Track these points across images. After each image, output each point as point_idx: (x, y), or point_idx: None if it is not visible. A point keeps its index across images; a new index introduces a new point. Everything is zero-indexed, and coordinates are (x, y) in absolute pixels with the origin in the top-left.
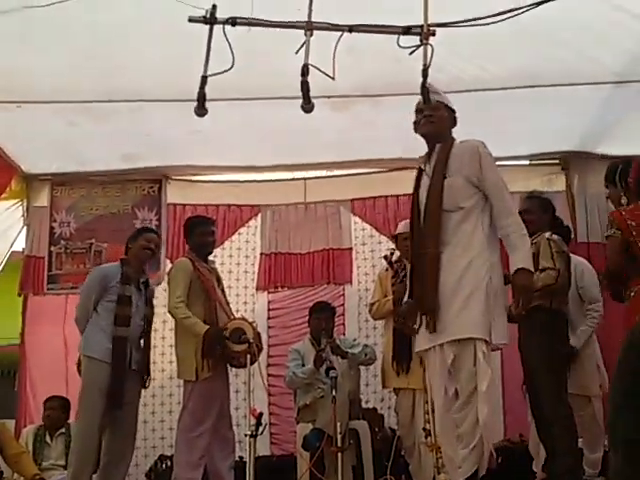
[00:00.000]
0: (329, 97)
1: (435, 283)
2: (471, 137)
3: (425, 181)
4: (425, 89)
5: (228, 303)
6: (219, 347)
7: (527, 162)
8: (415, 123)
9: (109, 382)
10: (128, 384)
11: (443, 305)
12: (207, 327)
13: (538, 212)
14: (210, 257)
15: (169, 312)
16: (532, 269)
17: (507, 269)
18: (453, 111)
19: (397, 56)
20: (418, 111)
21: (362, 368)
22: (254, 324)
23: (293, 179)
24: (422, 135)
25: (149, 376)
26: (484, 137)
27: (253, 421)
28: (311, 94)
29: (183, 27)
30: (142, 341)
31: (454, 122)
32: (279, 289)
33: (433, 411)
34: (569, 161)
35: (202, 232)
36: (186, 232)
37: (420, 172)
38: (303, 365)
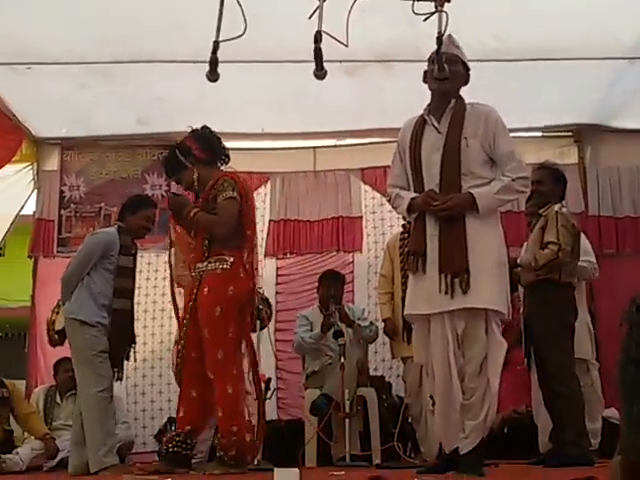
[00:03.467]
0: (341, 61)
1: (464, 244)
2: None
3: (433, 137)
4: (439, 56)
5: None
6: None
7: (540, 134)
8: (426, 72)
9: (110, 349)
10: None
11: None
12: None
13: (549, 183)
14: None
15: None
16: (480, 203)
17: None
18: (468, 69)
19: (412, 21)
20: (432, 61)
21: None
22: (261, 290)
23: (303, 147)
24: (433, 90)
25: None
26: (497, 107)
27: (262, 386)
28: (324, 58)
29: None
30: None
31: (467, 80)
32: (288, 256)
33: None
34: (582, 134)
35: None
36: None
37: (424, 122)
38: (311, 331)
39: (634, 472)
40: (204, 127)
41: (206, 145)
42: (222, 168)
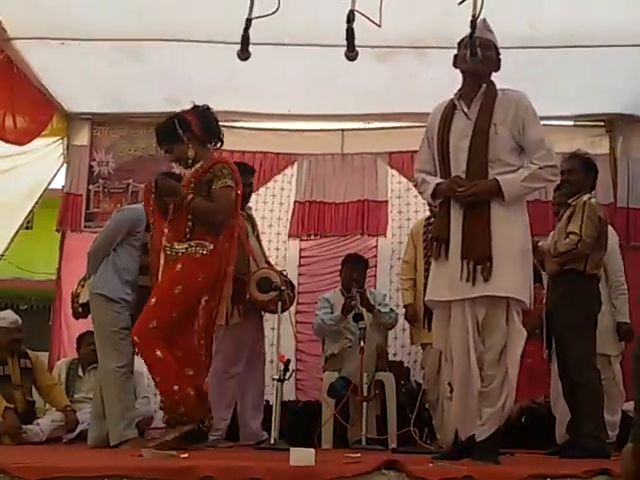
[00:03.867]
0: (373, 47)
1: (487, 231)
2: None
3: (462, 123)
4: (473, 40)
5: (263, 250)
6: (248, 294)
7: (571, 123)
8: (456, 56)
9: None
10: None
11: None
12: None
13: (580, 172)
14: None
15: None
16: (505, 190)
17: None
18: (499, 54)
19: (446, 9)
20: (464, 45)
21: None
22: (284, 272)
23: (331, 130)
24: (465, 71)
25: None
26: (529, 94)
27: (281, 366)
28: (355, 43)
29: None
30: None
31: (498, 65)
32: (312, 237)
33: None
34: (614, 123)
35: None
36: None
37: (453, 107)
38: (332, 314)
39: None
40: (206, 106)
41: (206, 124)
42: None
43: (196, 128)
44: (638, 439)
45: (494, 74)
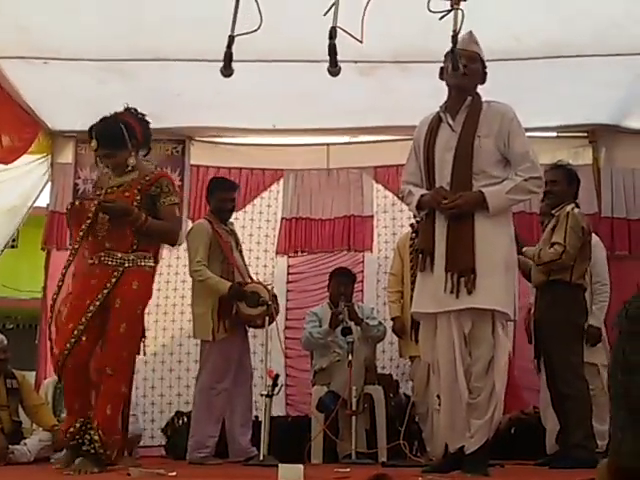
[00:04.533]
0: (356, 62)
1: (471, 243)
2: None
3: (447, 135)
4: (454, 55)
5: (246, 265)
6: (235, 308)
7: (555, 134)
8: (442, 69)
9: None
10: None
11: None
12: (230, 284)
13: (563, 183)
14: (230, 219)
15: (191, 276)
16: (490, 202)
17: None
18: (485, 67)
19: (427, 22)
20: (449, 58)
21: None
22: (269, 286)
23: (316, 144)
24: (451, 86)
25: None
26: (513, 106)
27: (269, 382)
28: (338, 58)
29: None
30: None
31: (484, 78)
32: (299, 254)
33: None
34: (597, 134)
35: (221, 198)
36: (208, 192)
37: (439, 120)
38: (320, 327)
39: (620, 476)
40: (140, 111)
41: (146, 131)
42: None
43: (139, 135)
44: (613, 453)
45: (479, 86)
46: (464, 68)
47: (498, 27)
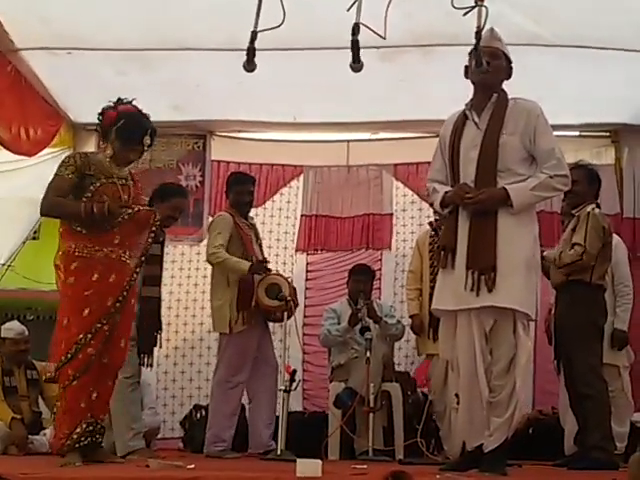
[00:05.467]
0: (378, 48)
1: (493, 241)
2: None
3: (472, 133)
4: (478, 52)
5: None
6: (254, 300)
7: (577, 133)
8: (467, 67)
9: (138, 336)
10: None
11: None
12: (249, 263)
13: (584, 183)
14: (251, 214)
15: (207, 260)
16: (514, 199)
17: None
18: (510, 62)
19: (450, 9)
20: (472, 56)
21: None
22: (289, 279)
23: (336, 141)
24: (475, 83)
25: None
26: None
27: (287, 377)
28: (360, 44)
29: None
30: None
31: (509, 74)
32: (318, 251)
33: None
34: (620, 134)
35: (239, 191)
36: (226, 187)
37: (465, 117)
38: (339, 324)
39: None
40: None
41: None
42: None
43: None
44: None
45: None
46: (487, 65)
47: (521, 19)
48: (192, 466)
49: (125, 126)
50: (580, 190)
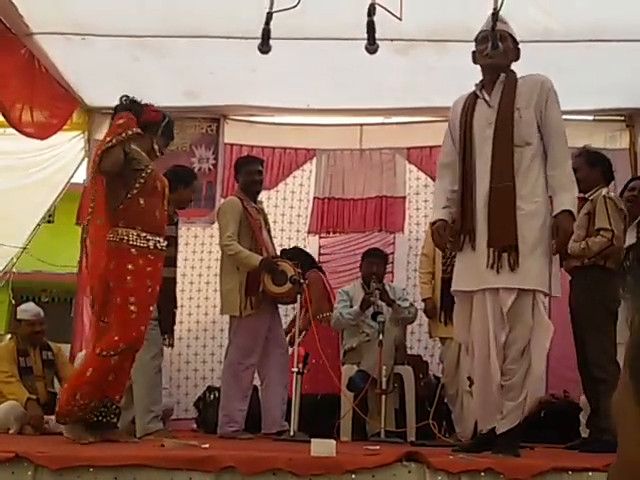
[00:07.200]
0: (392, 40)
1: (513, 221)
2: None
3: (485, 111)
4: (494, 33)
5: (273, 245)
6: (261, 286)
7: (591, 117)
8: (475, 53)
9: (159, 316)
10: None
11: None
12: (261, 257)
13: (584, 168)
14: (261, 198)
15: (221, 249)
16: (576, 214)
17: None
18: (517, 43)
19: (465, 1)
20: (480, 41)
21: None
22: (295, 263)
23: (349, 124)
24: (484, 66)
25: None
26: None
27: (300, 360)
28: (375, 36)
29: None
30: None
31: (517, 55)
32: (330, 234)
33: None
34: (634, 118)
35: (249, 171)
36: (235, 171)
37: (475, 97)
38: (351, 307)
39: None
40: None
41: None
42: None
43: None
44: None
45: (515, 65)
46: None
47: (537, 7)
48: (206, 445)
49: (169, 125)
50: (583, 175)
